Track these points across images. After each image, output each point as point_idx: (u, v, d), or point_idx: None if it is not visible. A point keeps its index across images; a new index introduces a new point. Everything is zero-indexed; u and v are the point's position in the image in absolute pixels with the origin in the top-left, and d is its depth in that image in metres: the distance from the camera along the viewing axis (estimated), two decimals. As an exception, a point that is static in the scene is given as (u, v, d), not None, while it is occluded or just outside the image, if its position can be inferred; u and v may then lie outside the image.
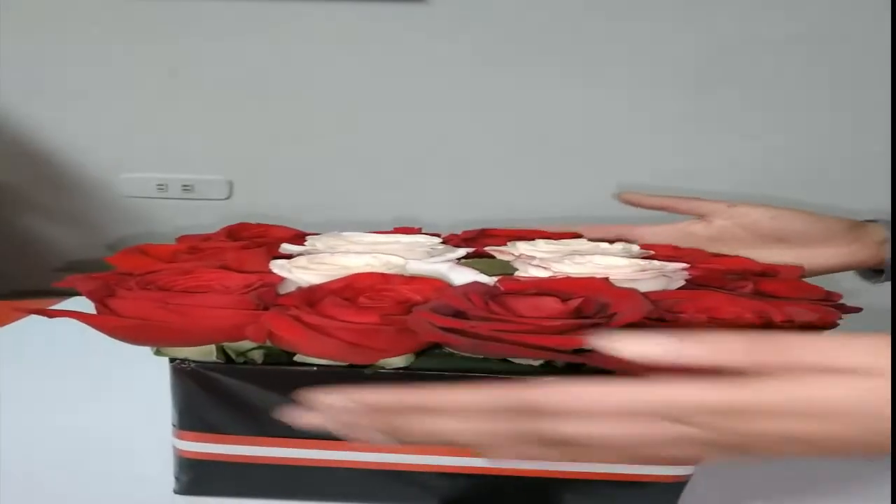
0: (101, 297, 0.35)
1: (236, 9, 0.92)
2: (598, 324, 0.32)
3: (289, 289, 0.38)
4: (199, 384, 0.36)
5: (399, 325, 0.32)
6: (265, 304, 0.35)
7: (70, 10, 0.92)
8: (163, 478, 0.40)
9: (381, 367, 0.34)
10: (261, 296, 0.35)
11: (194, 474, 0.39)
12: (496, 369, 0.34)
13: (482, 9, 0.92)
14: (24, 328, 0.68)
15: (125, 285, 0.36)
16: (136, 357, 0.37)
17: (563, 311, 0.33)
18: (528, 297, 0.35)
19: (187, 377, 0.36)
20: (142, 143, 0.98)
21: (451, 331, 0.31)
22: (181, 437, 0.38)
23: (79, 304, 0.35)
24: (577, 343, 0.32)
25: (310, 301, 0.34)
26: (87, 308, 0.35)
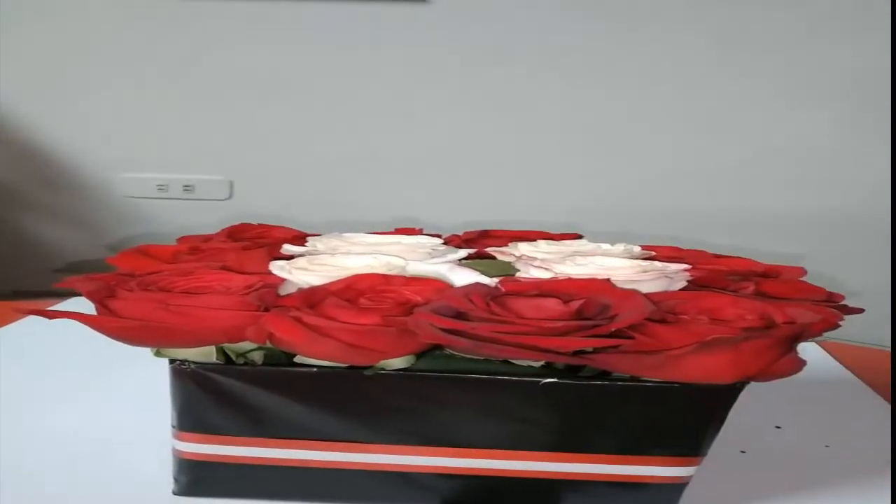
0: (100, 298, 0.35)
1: (237, 9, 0.92)
2: (599, 325, 0.32)
3: (289, 290, 0.37)
4: (199, 385, 0.36)
5: (400, 327, 0.32)
6: (266, 305, 0.35)
7: (70, 11, 0.93)
8: (162, 479, 0.40)
9: (382, 369, 0.34)
10: (261, 297, 0.35)
11: (194, 475, 0.39)
12: (497, 370, 0.34)
13: (482, 9, 0.92)
14: (23, 329, 0.68)
15: (125, 286, 0.36)
16: (136, 358, 0.37)
17: (565, 313, 0.33)
18: (530, 299, 0.35)
19: (187, 378, 0.36)
20: (142, 143, 0.98)
21: (452, 332, 0.31)
22: (180, 439, 0.38)
23: (79, 304, 0.35)
24: (577, 345, 0.32)
25: (310, 302, 0.34)
26: (88, 309, 0.35)
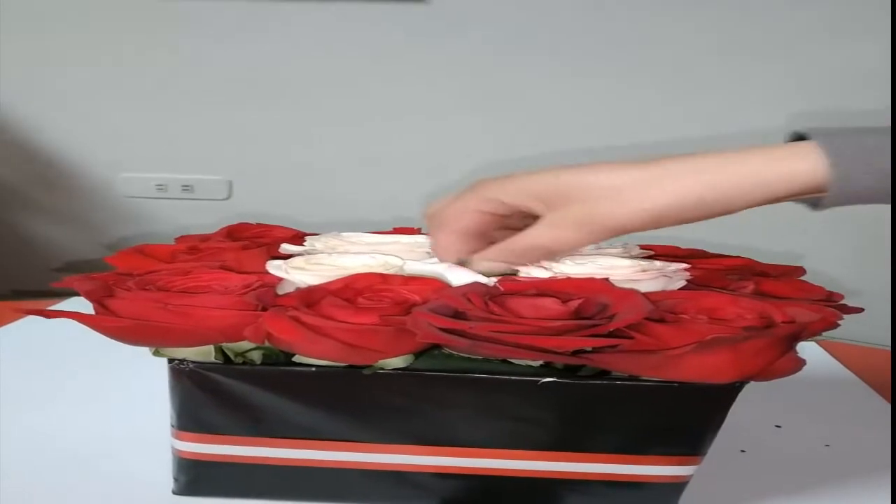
0: (99, 297, 0.35)
1: (236, 9, 0.92)
2: (597, 325, 0.32)
3: (287, 289, 0.37)
4: (198, 385, 0.36)
5: (398, 326, 0.32)
6: (264, 304, 0.35)
7: (70, 10, 0.92)
8: (161, 478, 0.40)
9: (381, 368, 0.34)
10: (260, 296, 0.35)
11: (193, 475, 0.39)
12: (496, 370, 0.34)
13: (482, 9, 0.92)
14: (22, 328, 0.68)
15: (124, 286, 0.36)
16: (135, 357, 0.37)
17: (563, 313, 0.33)
18: (528, 298, 0.35)
19: (186, 378, 0.36)
20: (141, 143, 0.98)
21: (451, 332, 0.31)
22: (180, 438, 0.38)
23: (78, 304, 0.35)
24: (576, 344, 0.32)
25: (308, 302, 0.34)
26: (87, 308, 0.35)
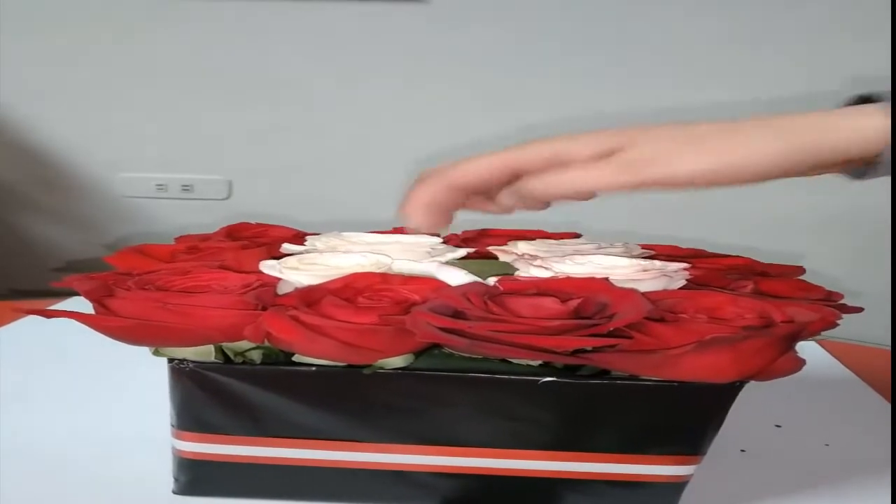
0: (99, 297, 0.35)
1: (236, 9, 0.92)
2: (597, 324, 0.32)
3: (287, 289, 0.37)
4: (198, 384, 0.36)
5: (398, 326, 0.32)
6: (264, 304, 0.35)
7: (70, 11, 0.92)
8: (161, 478, 0.40)
9: (380, 368, 0.34)
10: (259, 296, 0.35)
11: (193, 474, 0.39)
12: (496, 369, 0.34)
13: (482, 9, 0.92)
14: (22, 328, 0.68)
15: (123, 285, 0.36)
16: (135, 357, 0.37)
17: (562, 312, 0.33)
18: (528, 298, 0.35)
19: (185, 377, 0.36)
20: (141, 143, 0.98)
21: (450, 331, 0.31)
22: (180, 438, 0.38)
23: (78, 304, 0.35)
24: (576, 344, 0.31)
25: (308, 301, 0.34)
26: (87, 308, 0.35)
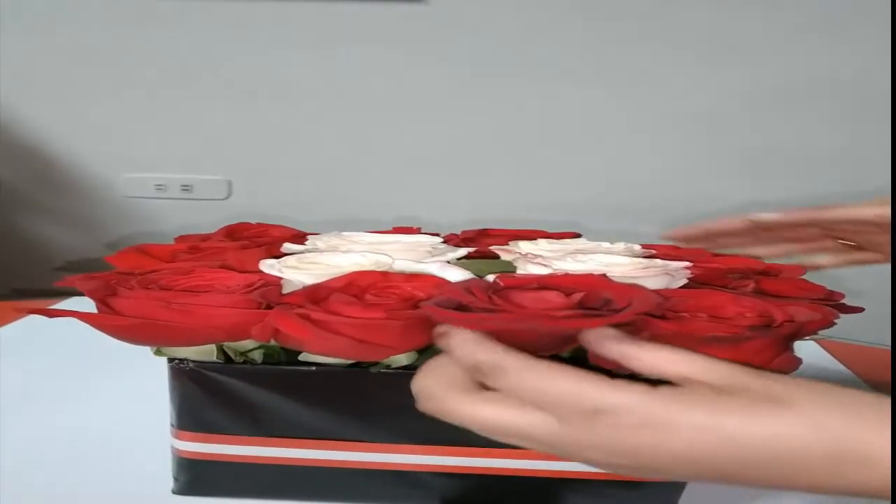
0: (102, 296, 0.35)
1: (236, 9, 0.92)
2: (604, 315, 0.32)
3: (290, 289, 0.37)
4: (198, 384, 0.36)
5: (406, 321, 0.32)
6: (269, 302, 0.34)
7: (71, 11, 0.92)
8: (161, 478, 0.40)
9: (386, 366, 0.34)
10: (264, 294, 0.35)
11: (193, 474, 0.39)
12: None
13: (481, 9, 0.92)
14: (24, 328, 0.68)
15: (126, 285, 0.36)
16: (135, 357, 0.37)
17: (567, 304, 0.33)
18: (531, 291, 0.35)
19: (185, 377, 0.36)
20: (141, 143, 0.98)
21: (463, 308, 0.31)
22: (180, 437, 0.38)
23: (79, 303, 0.35)
24: (590, 325, 0.31)
25: (315, 299, 0.34)
26: (88, 307, 0.35)
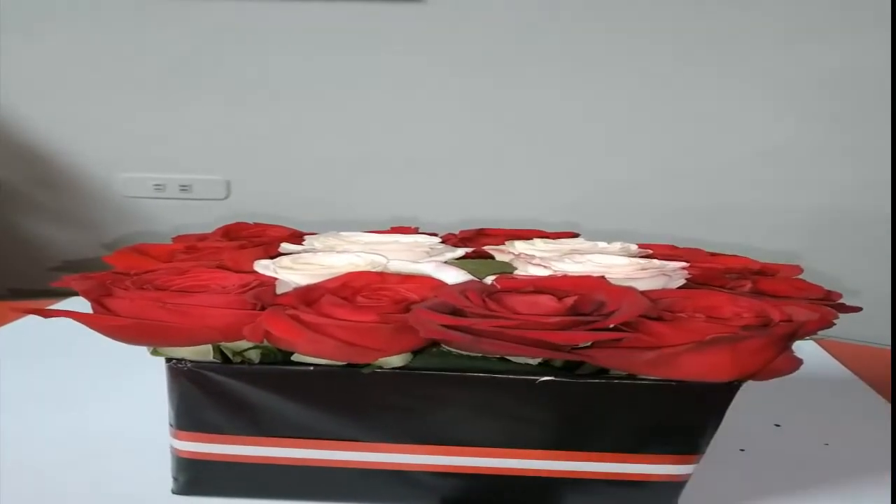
0: (97, 296, 0.35)
1: (235, 9, 0.92)
2: (596, 321, 0.32)
3: (285, 289, 0.37)
4: (196, 384, 0.36)
5: (397, 324, 0.32)
6: (262, 303, 0.34)
7: (70, 11, 0.92)
8: (160, 478, 0.40)
9: (379, 367, 0.34)
10: (258, 295, 0.35)
11: (192, 474, 0.39)
12: (494, 369, 0.34)
13: (480, 9, 0.92)
14: (21, 328, 0.68)
15: (121, 285, 0.36)
16: (134, 357, 0.37)
17: (559, 309, 0.33)
18: (524, 295, 0.35)
19: (184, 377, 0.36)
20: (140, 143, 0.98)
21: (454, 328, 0.31)
22: (178, 437, 0.38)
23: (77, 303, 0.35)
24: (580, 339, 0.31)
25: (307, 300, 0.34)
26: (86, 308, 0.35)
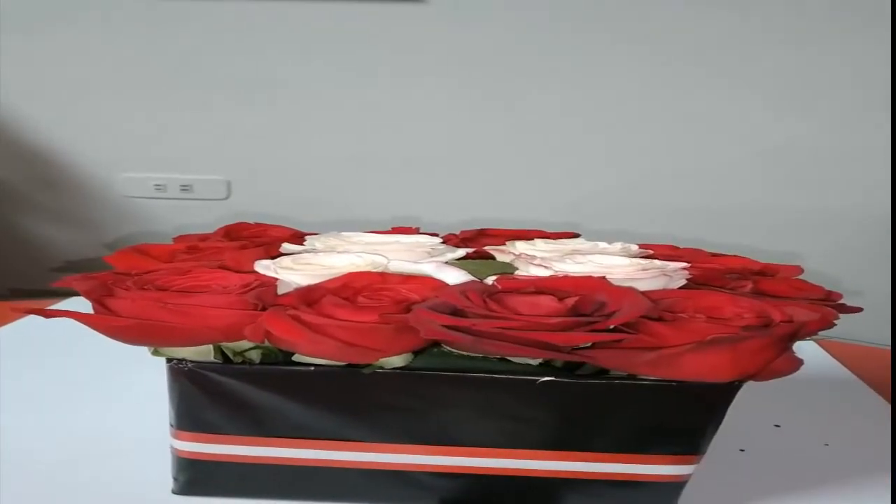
0: (98, 296, 0.35)
1: (235, 9, 0.92)
2: (596, 321, 0.32)
3: (287, 289, 0.37)
4: (197, 384, 0.36)
5: (397, 325, 0.32)
6: (263, 303, 0.35)
7: (70, 10, 0.92)
8: (161, 478, 0.40)
9: (380, 367, 0.34)
10: (259, 295, 0.35)
11: (192, 474, 0.39)
12: (494, 369, 0.34)
13: (480, 9, 0.92)
14: (22, 328, 0.68)
15: (122, 285, 0.36)
16: (135, 357, 0.37)
17: (560, 310, 0.33)
18: (525, 296, 0.35)
19: (184, 377, 0.36)
20: (140, 143, 0.98)
21: (455, 329, 0.31)
22: (179, 437, 0.38)
23: (78, 303, 0.35)
24: (579, 340, 0.31)
25: (308, 300, 0.34)
26: (86, 308, 0.35)
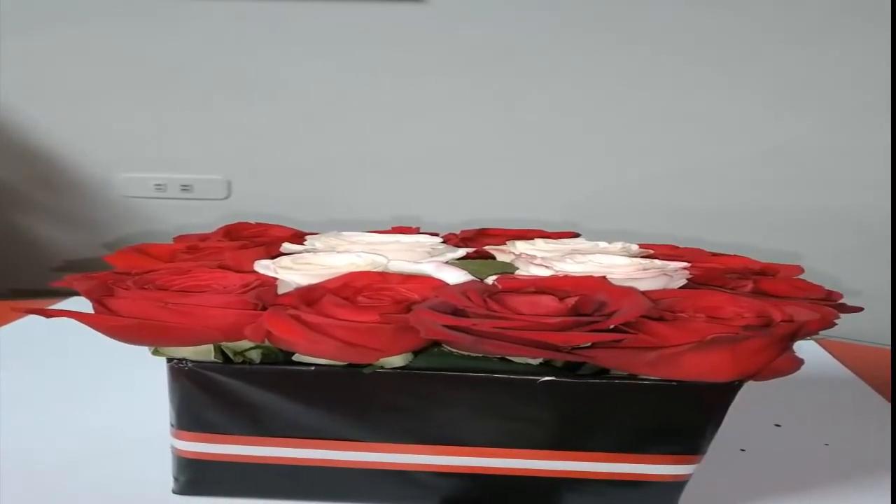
0: (98, 296, 0.35)
1: (235, 9, 0.92)
2: (597, 321, 0.32)
3: (287, 289, 0.37)
4: (197, 384, 0.36)
5: (398, 324, 0.32)
6: (264, 303, 0.35)
7: (70, 10, 0.92)
8: (161, 478, 0.40)
9: (380, 367, 0.34)
10: (259, 295, 0.35)
11: (193, 474, 0.39)
12: (495, 369, 0.34)
13: (480, 9, 0.92)
14: (22, 328, 0.68)
15: (123, 285, 0.36)
16: (135, 357, 0.37)
17: (560, 309, 0.33)
18: (526, 296, 0.35)
19: (185, 377, 0.36)
20: (140, 143, 0.98)
21: (456, 329, 0.31)
22: (179, 437, 0.38)
23: (78, 303, 0.35)
24: (579, 340, 0.31)
25: (308, 300, 0.34)
26: (86, 308, 0.35)
